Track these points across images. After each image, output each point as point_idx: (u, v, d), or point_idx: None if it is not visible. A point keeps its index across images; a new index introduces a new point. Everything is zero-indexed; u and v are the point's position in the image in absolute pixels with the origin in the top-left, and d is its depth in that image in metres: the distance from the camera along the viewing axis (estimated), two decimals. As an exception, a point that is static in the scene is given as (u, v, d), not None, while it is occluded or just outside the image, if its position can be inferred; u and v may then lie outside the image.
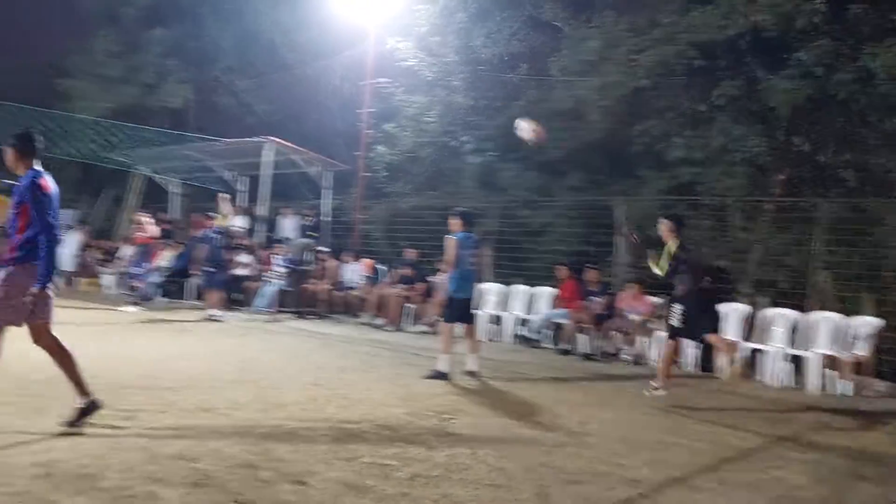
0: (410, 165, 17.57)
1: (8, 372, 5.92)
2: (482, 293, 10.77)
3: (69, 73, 21.52)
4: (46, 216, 4.26)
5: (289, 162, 15.38)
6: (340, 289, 13.13)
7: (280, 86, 21.60)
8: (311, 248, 15.03)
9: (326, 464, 3.95)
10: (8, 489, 3.20)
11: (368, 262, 13.17)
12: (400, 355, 8.89)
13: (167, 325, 10.62)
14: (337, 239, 16.15)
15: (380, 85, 16.74)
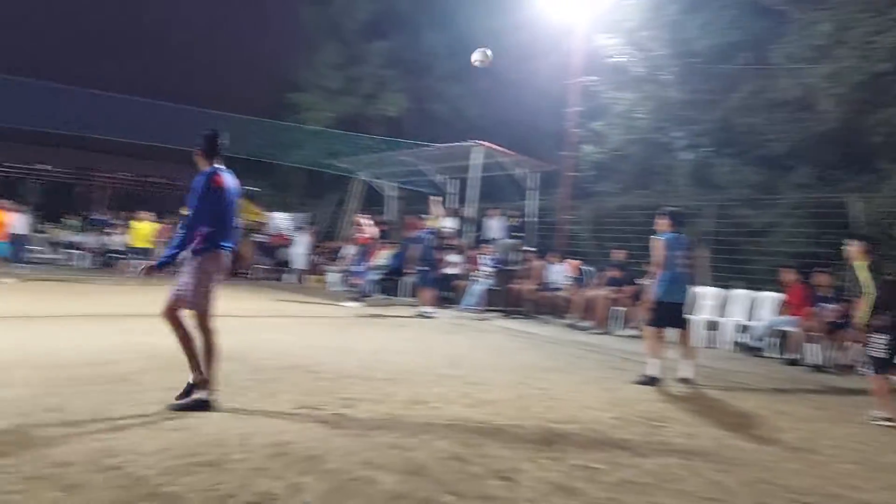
0: (618, 164, 17.16)
1: (246, 359, 6.64)
2: (697, 297, 10.26)
3: (297, 87, 23.54)
4: (208, 206, 4.68)
5: (496, 164, 15.66)
6: (546, 289, 13.14)
7: (490, 90, 22.06)
8: (518, 248, 15.20)
9: (534, 462, 3.96)
10: (248, 464, 3.57)
11: (574, 262, 13.05)
12: (607, 358, 8.70)
13: (383, 321, 11.25)
14: (543, 239, 16.17)
15: (587, 83, 16.52)
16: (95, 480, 3.18)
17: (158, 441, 3.84)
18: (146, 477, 3.27)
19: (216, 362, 4.80)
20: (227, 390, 5.23)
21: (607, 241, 14.16)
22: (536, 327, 11.79)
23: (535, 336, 10.54)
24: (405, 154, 16.93)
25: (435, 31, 22.21)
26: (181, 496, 3.07)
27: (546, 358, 8.32)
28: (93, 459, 3.45)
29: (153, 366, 6.01)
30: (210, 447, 3.79)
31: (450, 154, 15.77)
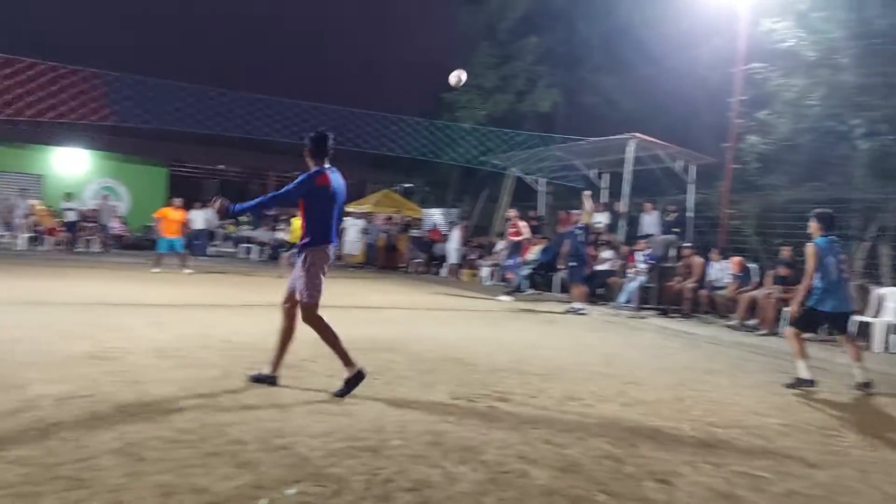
0: (787, 155, 16.01)
1: (405, 350, 6.86)
2: (879, 299, 9.43)
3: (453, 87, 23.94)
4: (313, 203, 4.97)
5: (652, 157, 15.16)
6: (706, 287, 12.54)
7: (645, 81, 21.37)
8: (675, 244, 14.64)
9: (692, 467, 3.80)
10: (406, 451, 3.69)
11: (737, 259, 12.33)
12: (774, 362, 8.17)
13: (535, 316, 11.23)
14: (701, 235, 15.48)
15: (752, 71, 15.57)
16: (266, 459, 3.41)
17: (323, 425, 4.05)
18: (311, 458, 3.47)
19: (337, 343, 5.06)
20: (386, 379, 5.45)
21: (773, 238, 13.30)
22: (695, 327, 11.29)
23: (694, 336, 10.11)
24: (558, 149, 16.78)
25: (589, 24, 21.83)
26: (343, 478, 3.22)
27: (706, 359, 7.96)
28: (264, 439, 3.71)
29: (320, 354, 6.35)
30: (370, 433, 3.96)
31: (604, 148, 15.45)
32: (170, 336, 6.76)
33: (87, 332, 6.71)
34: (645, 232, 15.30)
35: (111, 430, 3.67)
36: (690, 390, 5.94)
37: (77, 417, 3.87)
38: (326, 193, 5.03)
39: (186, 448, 3.48)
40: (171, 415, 4.06)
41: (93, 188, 24.26)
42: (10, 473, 3.00)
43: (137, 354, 5.78)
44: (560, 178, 18.59)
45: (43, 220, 19.89)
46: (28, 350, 5.64)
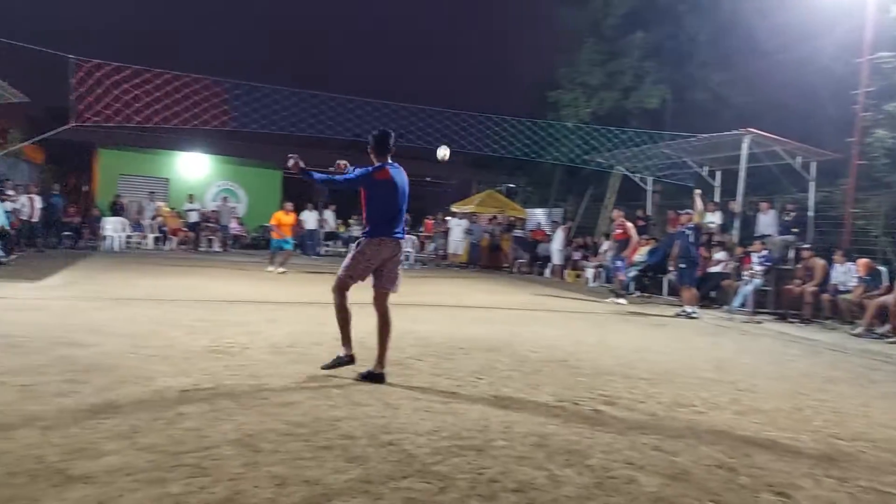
0: (920, 149, 14.94)
1: (510, 350, 6.87)
2: None
3: (557, 85, 23.76)
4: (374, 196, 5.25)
5: (767, 154, 14.47)
6: (829, 291, 11.85)
7: (758, 75, 20.47)
8: (793, 245, 13.92)
9: (814, 480, 3.61)
10: (511, 452, 3.68)
11: (865, 262, 11.56)
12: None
13: (642, 319, 10.96)
14: (823, 236, 14.65)
15: (879, 60, 14.60)
16: (374, 454, 3.49)
17: (429, 422, 4.12)
18: (418, 455, 3.53)
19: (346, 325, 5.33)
20: (490, 379, 5.47)
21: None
22: (816, 333, 10.70)
23: (816, 343, 9.57)
24: (666, 146, 16.30)
25: (697, 17, 21.09)
26: (449, 476, 3.26)
27: (828, 367, 7.52)
28: (372, 435, 3.80)
29: (427, 353, 6.47)
30: (475, 432, 3.98)
31: (715, 144, 14.87)
32: (284, 332, 7.04)
33: (209, 327, 7.09)
34: (761, 232, 14.62)
35: (230, 422, 3.86)
36: (811, 400, 5.63)
37: (199, 409, 4.09)
38: (386, 187, 5.27)
39: (299, 441, 3.62)
40: (285, 408, 4.23)
41: (213, 191, 25.57)
42: (141, 459, 3.21)
43: (254, 350, 6.05)
44: (669, 177, 18.06)
45: (168, 222, 21.15)
46: (155, 344, 6.02)
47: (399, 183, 5.35)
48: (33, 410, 3.85)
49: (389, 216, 5.30)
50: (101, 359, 5.26)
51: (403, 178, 5.44)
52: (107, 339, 6.06)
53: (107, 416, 3.82)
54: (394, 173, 5.34)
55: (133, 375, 4.79)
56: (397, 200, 5.34)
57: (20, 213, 15.96)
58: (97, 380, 4.61)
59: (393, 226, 5.32)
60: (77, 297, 8.87)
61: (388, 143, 5.43)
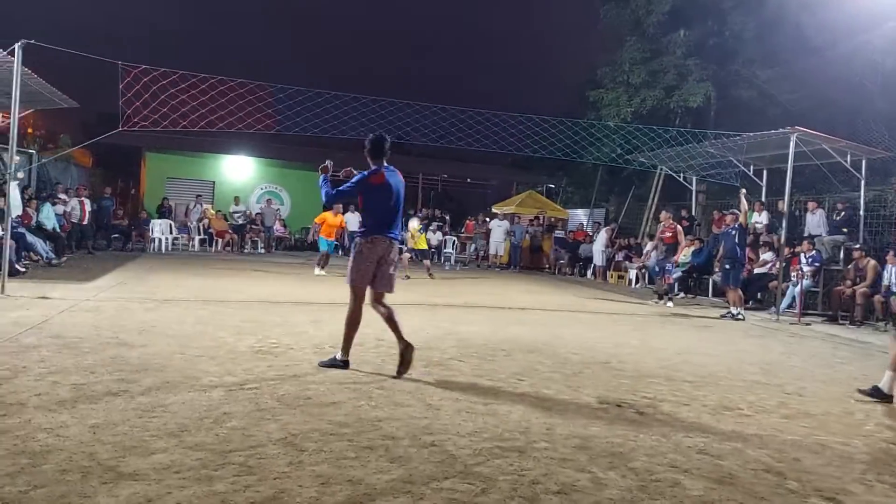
0: (978, 146, 14.45)
1: (551, 352, 6.83)
2: None
3: (598, 84, 23.58)
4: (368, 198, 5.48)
5: (815, 152, 14.13)
6: (881, 292, 11.53)
7: (806, 71, 20.02)
8: (843, 245, 13.58)
9: (865, 485, 3.52)
10: (553, 454, 3.66)
11: (918, 262, 11.22)
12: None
13: (686, 320, 10.80)
14: (874, 235, 14.25)
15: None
16: (416, 455, 3.51)
17: (470, 424, 4.12)
18: (460, 456, 3.53)
19: (352, 331, 5.49)
20: (532, 380, 5.45)
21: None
22: (868, 335, 10.41)
23: (867, 346, 9.31)
24: (710, 146, 16.03)
25: (742, 14, 20.73)
26: (491, 477, 3.26)
27: (880, 371, 7.29)
28: (414, 435, 3.82)
29: (468, 354, 6.47)
30: (517, 434, 3.98)
31: (761, 143, 14.57)
32: (327, 333, 7.11)
33: (254, 328, 7.21)
34: (809, 232, 14.30)
35: (275, 422, 3.92)
36: (862, 403, 5.49)
37: (245, 408, 4.17)
38: (381, 191, 5.45)
39: (343, 441, 3.66)
40: (329, 408, 4.27)
41: (257, 193, 25.97)
42: (189, 458, 3.28)
43: (298, 350, 6.14)
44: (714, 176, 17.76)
45: (213, 224, 21.54)
46: (202, 344, 6.15)
47: (394, 185, 5.52)
48: (85, 409, 3.96)
49: (386, 219, 5.50)
50: (150, 359, 5.38)
51: (399, 181, 5.61)
52: (155, 340, 6.20)
53: (155, 415, 3.91)
54: (388, 176, 5.51)
55: (181, 375, 4.90)
56: (392, 203, 5.51)
57: (71, 216, 16.42)
58: (146, 379, 4.72)
59: (388, 226, 5.50)
60: (126, 298, 9.10)
61: (384, 147, 5.59)
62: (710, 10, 21.37)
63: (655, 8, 21.13)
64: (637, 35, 22.40)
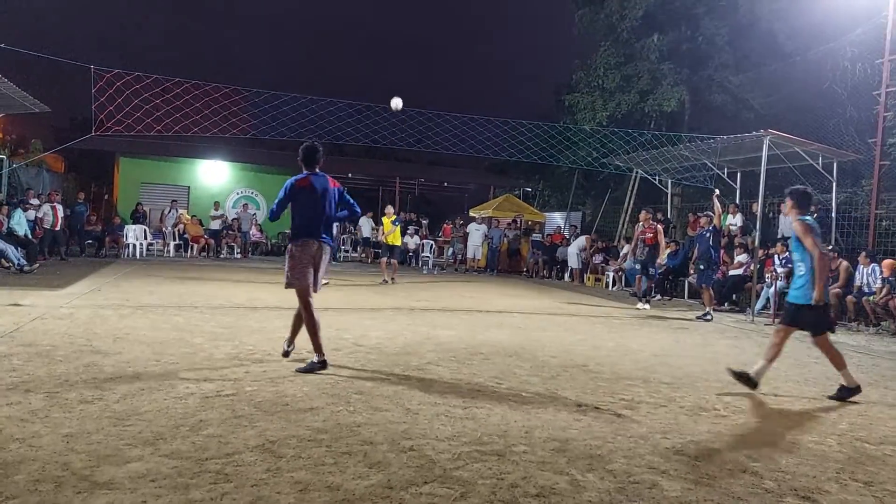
0: (944, 149, 14.76)
1: (528, 355, 6.84)
2: None
3: (574, 89, 23.75)
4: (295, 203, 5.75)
5: (788, 155, 14.35)
6: (853, 293, 11.71)
7: (778, 77, 20.35)
8: (816, 247, 13.76)
9: (839, 484, 3.56)
10: (532, 457, 3.67)
11: (890, 262, 11.40)
12: (932, 373, 7.52)
13: (662, 322, 10.88)
14: (845, 237, 14.48)
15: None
16: (395, 460, 3.50)
17: (449, 428, 4.11)
18: (439, 461, 3.52)
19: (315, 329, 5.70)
20: (510, 384, 5.46)
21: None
22: (841, 336, 10.56)
23: (841, 346, 9.39)
24: (685, 149, 16.21)
25: (714, 19, 21.02)
26: (470, 481, 3.25)
27: (854, 370, 7.41)
28: (393, 440, 3.81)
29: (447, 358, 6.47)
30: (496, 437, 3.98)
31: (735, 146, 14.77)
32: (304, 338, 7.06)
33: (230, 334, 7.15)
34: (783, 234, 14.49)
35: (252, 428, 3.89)
36: (836, 403, 5.57)
37: (221, 415, 4.12)
38: (305, 193, 5.72)
39: (321, 447, 3.63)
40: (306, 414, 4.25)
41: (233, 198, 25.77)
42: (165, 466, 3.24)
43: (275, 356, 6.09)
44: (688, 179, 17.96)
45: (189, 229, 21.33)
46: (177, 351, 6.08)
47: (319, 189, 5.75)
48: (58, 418, 3.90)
49: (312, 221, 5.73)
50: (125, 366, 5.31)
51: (325, 185, 5.82)
52: (130, 347, 6.12)
53: (130, 423, 3.86)
54: (314, 180, 5.77)
55: (156, 382, 4.84)
56: (318, 205, 5.74)
57: (43, 222, 16.18)
58: (121, 387, 4.66)
59: (316, 229, 5.74)
60: (100, 305, 8.98)
61: (316, 156, 5.87)
62: (682, 15, 21.63)
63: (629, 13, 21.32)
64: (611, 40, 22.59)
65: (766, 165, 12.63)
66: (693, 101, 22.13)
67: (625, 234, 21.52)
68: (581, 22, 23.35)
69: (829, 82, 18.00)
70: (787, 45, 20.24)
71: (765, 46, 20.87)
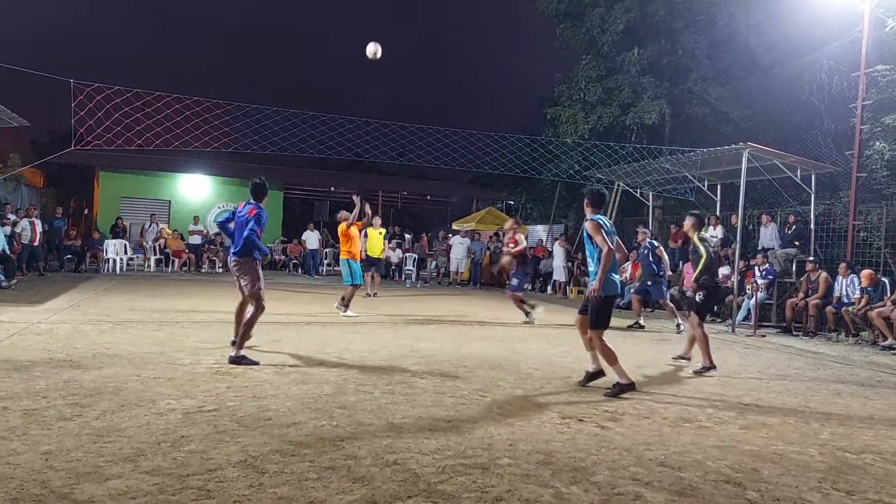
0: (919, 161, 14.98)
1: (513, 368, 6.84)
2: None
3: (556, 102, 23.89)
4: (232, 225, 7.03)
5: (767, 167, 14.51)
6: (833, 304, 11.83)
7: (756, 90, 20.62)
8: (795, 258, 13.91)
9: (822, 493, 3.59)
10: (516, 470, 3.66)
11: (868, 272, 11.51)
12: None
13: (644, 334, 10.93)
14: (824, 248, 14.64)
15: (877, 73, 14.68)
16: (379, 474, 3.48)
17: (433, 441, 4.10)
18: (423, 474, 3.50)
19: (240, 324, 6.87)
20: (494, 396, 5.45)
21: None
22: (821, 346, 10.68)
23: (820, 356, 9.55)
24: (666, 161, 16.34)
25: (693, 33, 21.31)
26: (454, 495, 3.24)
27: (834, 380, 7.50)
28: (377, 454, 3.79)
29: (431, 371, 6.45)
30: (480, 450, 3.97)
31: (715, 158, 14.91)
32: (287, 353, 7.04)
33: (212, 349, 7.09)
34: (762, 246, 14.63)
35: (234, 444, 3.85)
36: (817, 413, 5.61)
37: (203, 430, 4.08)
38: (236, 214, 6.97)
39: (304, 461, 3.60)
40: (289, 429, 4.21)
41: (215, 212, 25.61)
42: (146, 483, 3.19)
43: (257, 370, 6.04)
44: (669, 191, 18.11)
45: (170, 243, 21.16)
46: (158, 366, 6.02)
47: (238, 212, 6.95)
48: (37, 435, 3.84)
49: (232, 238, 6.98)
50: (105, 382, 5.25)
51: (244, 211, 6.91)
52: (110, 362, 6.05)
53: (111, 440, 3.81)
54: (242, 206, 6.97)
55: (137, 398, 4.79)
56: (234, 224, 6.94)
57: (21, 237, 15.98)
58: (101, 403, 4.60)
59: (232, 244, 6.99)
60: (80, 320, 8.87)
61: (259, 190, 6.99)
62: (662, 29, 21.88)
63: (610, 27, 21.52)
64: (592, 53, 22.77)
65: (746, 178, 12.77)
66: (673, 114, 22.35)
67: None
68: (562, 36, 23.53)
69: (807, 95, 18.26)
70: (765, 58, 20.54)
71: (743, 60, 21.17)
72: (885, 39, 14.54)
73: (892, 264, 13.04)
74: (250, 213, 6.83)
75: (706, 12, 20.84)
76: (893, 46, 14.62)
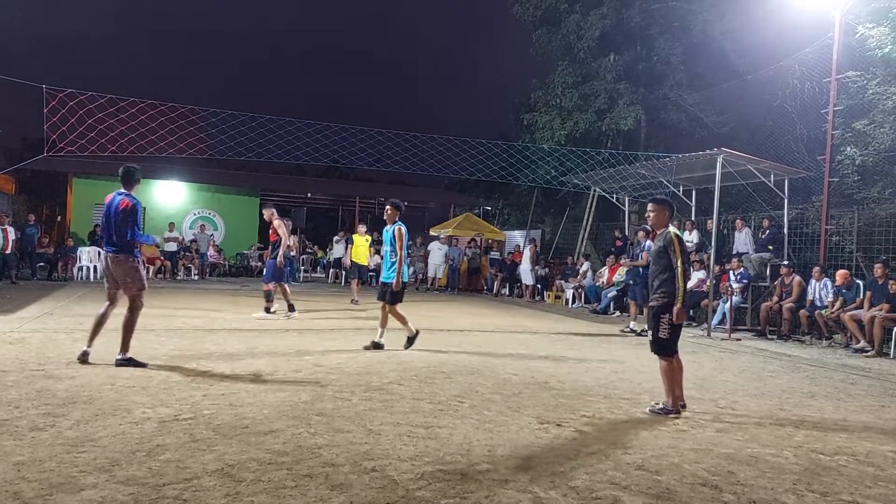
0: (889, 166, 15.25)
1: (490, 373, 6.85)
2: None
3: (532, 108, 24.02)
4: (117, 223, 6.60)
5: (741, 172, 14.70)
6: (806, 307, 11.99)
7: (731, 95, 20.92)
8: (769, 262, 14.09)
9: (796, 495, 3.63)
10: (494, 476, 3.66)
11: (843, 272, 11.63)
12: (884, 384, 7.73)
13: (621, 338, 11.00)
14: (797, 252, 14.85)
15: (848, 79, 14.94)
16: (357, 481, 3.46)
17: (412, 448, 4.09)
18: (401, 481, 3.49)
19: (100, 327, 6.91)
20: (472, 402, 5.45)
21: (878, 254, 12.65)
22: (795, 349, 10.82)
23: (795, 358, 9.67)
24: (642, 166, 16.49)
25: (668, 40, 21.57)
26: (433, 501, 3.23)
27: (808, 383, 7.60)
28: (355, 461, 3.77)
29: (408, 377, 6.44)
30: (458, 456, 3.96)
31: (690, 164, 15.07)
32: (264, 360, 6.98)
33: (188, 357, 7.01)
34: (737, 250, 14.80)
35: (210, 452, 3.81)
36: (792, 415, 5.68)
37: (179, 439, 4.04)
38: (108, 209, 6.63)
39: (281, 470, 3.58)
40: (266, 437, 4.18)
41: (190, 219, 25.39)
42: (120, 493, 3.15)
43: (234, 378, 5.99)
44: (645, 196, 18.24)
45: (144, 250, 20.92)
46: (133, 375, 5.94)
47: (107, 205, 6.64)
48: (9, 446, 3.77)
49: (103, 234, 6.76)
50: (79, 391, 5.17)
51: (114, 202, 6.58)
52: (84, 371, 5.97)
53: (84, 450, 3.75)
54: (112, 197, 6.64)
55: (111, 407, 4.72)
56: (105, 220, 6.64)
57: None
58: (74, 413, 4.53)
59: (104, 240, 6.77)
60: (53, 328, 8.74)
61: (130, 177, 6.69)
62: (637, 35, 22.11)
63: (585, 33, 21.70)
64: (568, 60, 22.94)
65: (721, 183, 12.91)
66: (649, 119, 22.58)
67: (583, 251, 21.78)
68: (538, 42, 23.68)
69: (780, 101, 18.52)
70: (739, 64, 20.83)
71: (718, 66, 21.46)
72: (856, 46, 14.79)
73: (864, 268, 13.26)
74: (124, 204, 6.50)
75: (681, 19, 21.12)
76: (863, 53, 14.87)
